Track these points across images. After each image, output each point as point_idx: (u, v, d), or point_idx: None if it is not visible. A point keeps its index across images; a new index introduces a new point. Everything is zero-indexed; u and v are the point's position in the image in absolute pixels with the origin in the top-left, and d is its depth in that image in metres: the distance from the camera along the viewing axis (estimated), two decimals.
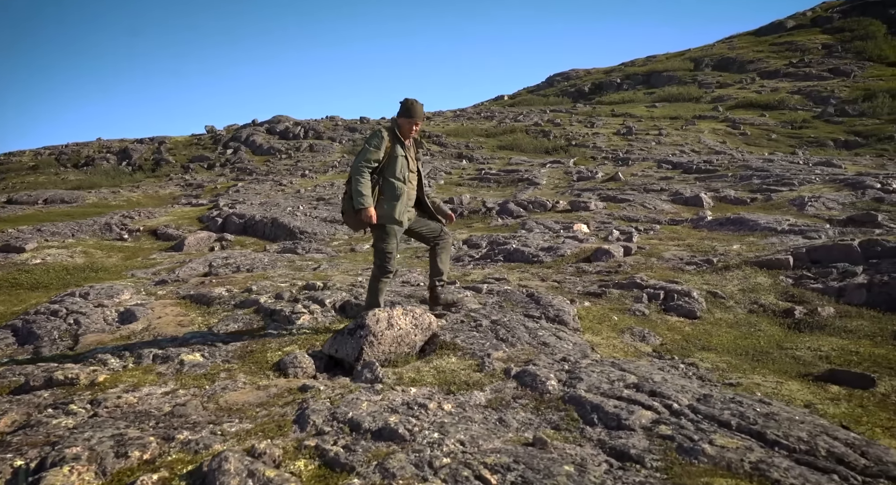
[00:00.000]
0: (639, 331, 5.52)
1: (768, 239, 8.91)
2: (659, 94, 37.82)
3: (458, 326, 5.13)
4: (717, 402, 3.64)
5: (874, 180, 12.20)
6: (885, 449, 3.12)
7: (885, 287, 6.16)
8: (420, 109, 4.94)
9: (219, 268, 8.30)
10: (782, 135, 29.02)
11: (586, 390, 3.80)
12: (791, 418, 3.43)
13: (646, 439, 3.22)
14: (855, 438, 3.24)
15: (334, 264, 8.62)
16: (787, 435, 3.20)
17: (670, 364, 4.84)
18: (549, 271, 7.87)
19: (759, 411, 3.52)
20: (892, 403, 4.24)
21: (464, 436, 3.17)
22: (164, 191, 25.29)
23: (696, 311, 6.18)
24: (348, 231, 12.54)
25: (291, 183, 23.30)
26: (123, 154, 33.69)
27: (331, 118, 38.21)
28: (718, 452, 3.03)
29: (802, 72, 35.56)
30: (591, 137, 29.38)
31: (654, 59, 45.79)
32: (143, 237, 12.23)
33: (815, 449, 3.07)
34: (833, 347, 5.27)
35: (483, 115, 38.53)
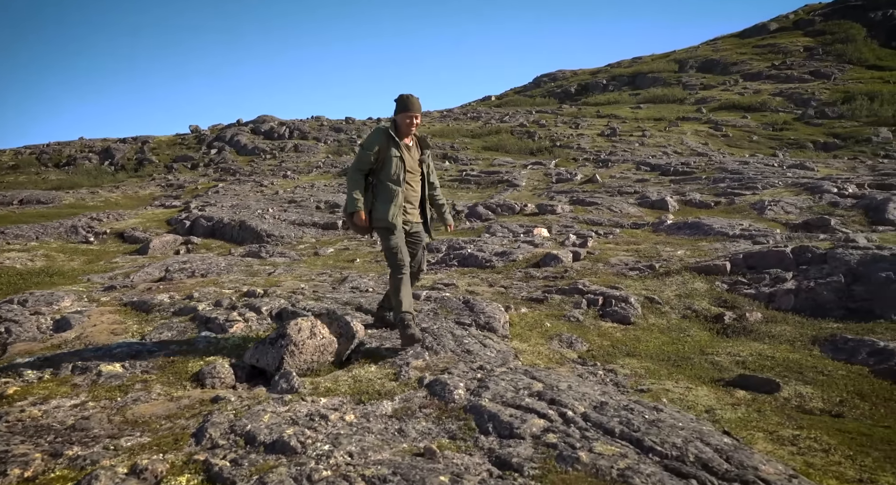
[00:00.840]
0: (567, 337, 5.63)
1: (715, 244, 9.06)
2: (644, 96, 37.99)
3: (387, 333, 5.21)
4: (609, 409, 3.75)
5: (831, 185, 12.36)
6: (750, 454, 3.25)
7: (810, 293, 6.31)
8: (416, 102, 4.77)
9: (174, 272, 8.35)
10: (763, 137, 29.24)
11: (490, 399, 3.90)
12: (675, 425, 3.54)
13: (532, 447, 3.33)
14: (728, 443, 3.36)
15: (291, 269, 8.69)
16: (664, 442, 3.32)
17: (590, 371, 4.95)
18: (498, 277, 7.97)
19: (647, 418, 3.63)
20: (791, 407, 4.38)
21: (355, 448, 3.25)
22: (145, 191, 25.23)
23: (631, 316, 6.30)
24: (315, 234, 12.59)
25: (272, 184, 23.30)
26: (106, 154, 33.57)
27: (316, 118, 38.19)
28: (593, 459, 3.14)
29: (784, 74, 35.81)
30: (576, 139, 29.49)
31: (639, 61, 45.98)
32: (109, 240, 12.25)
33: (684, 455, 3.19)
34: (752, 353, 5.40)
35: (469, 115, 38.59)
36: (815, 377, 4.90)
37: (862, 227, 10.12)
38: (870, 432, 3.92)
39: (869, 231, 9.78)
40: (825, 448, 3.62)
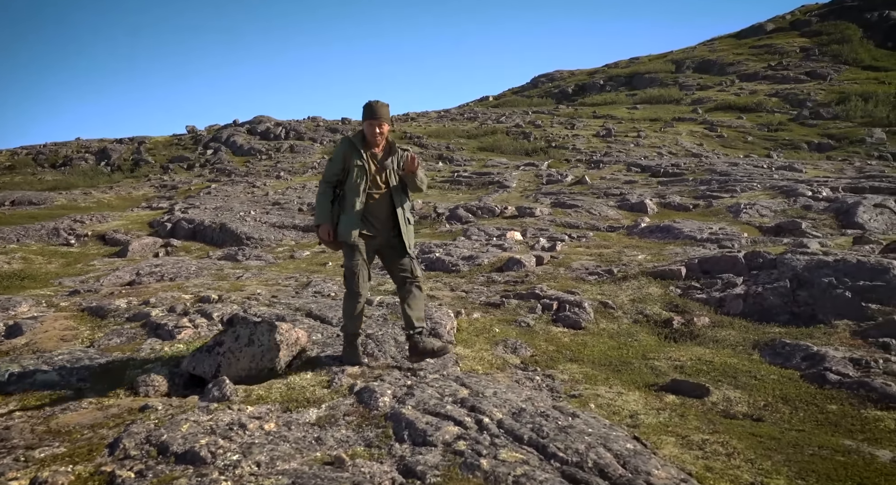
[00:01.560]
0: (513, 343, 5.70)
1: (677, 249, 9.14)
2: (640, 96, 38.01)
3: (331, 340, 5.30)
4: (526, 416, 3.83)
5: (806, 188, 12.41)
6: (648, 459, 3.36)
7: (758, 298, 6.39)
8: (381, 109, 4.53)
9: (144, 276, 8.44)
10: (758, 137, 29.29)
11: (413, 407, 3.98)
12: (584, 431, 3.63)
13: (441, 455, 3.41)
14: (630, 449, 3.46)
15: (261, 273, 8.78)
16: (567, 448, 3.41)
17: (528, 376, 5.02)
18: (461, 281, 8.05)
19: (560, 424, 3.71)
20: (715, 411, 4.47)
21: (265, 457, 3.33)
22: (138, 192, 25.32)
23: (582, 322, 6.38)
24: (296, 237, 12.68)
25: (265, 185, 23.39)
26: (102, 154, 33.69)
27: (313, 119, 38.28)
28: (493, 467, 3.22)
29: (780, 74, 35.79)
30: (571, 139, 29.55)
31: (637, 61, 45.97)
32: (90, 242, 12.36)
33: (583, 461, 3.28)
34: (692, 358, 5.48)
35: (466, 116, 38.64)
36: (748, 382, 4.98)
37: (832, 230, 10.17)
38: (781, 435, 4.00)
39: (838, 235, 9.84)
40: (729, 452, 3.70)
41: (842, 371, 4.91)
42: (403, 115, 39.92)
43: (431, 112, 42.70)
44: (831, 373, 4.89)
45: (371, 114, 4.52)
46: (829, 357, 5.12)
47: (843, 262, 6.35)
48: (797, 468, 3.55)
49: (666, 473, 3.26)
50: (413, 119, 39.35)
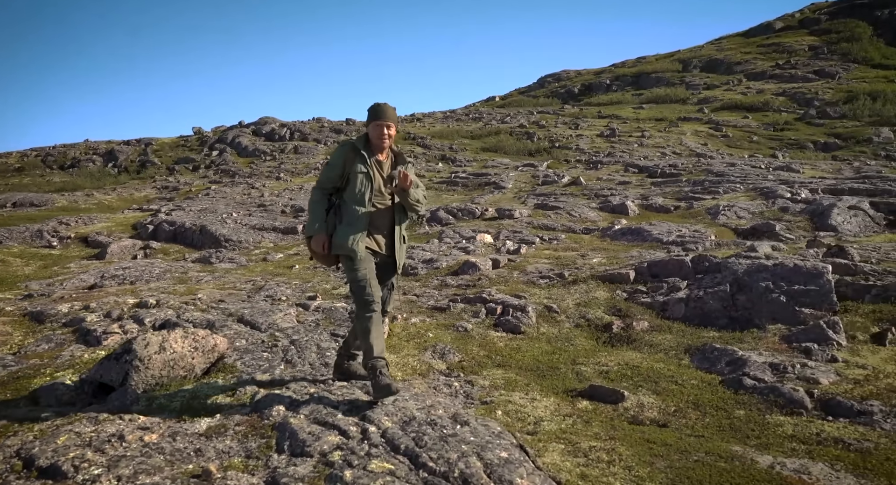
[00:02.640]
0: (442, 348, 5.69)
1: (639, 251, 9.08)
2: (647, 96, 37.78)
3: (254, 346, 5.31)
4: (415, 424, 3.83)
5: (786, 190, 12.26)
6: (516, 468, 3.34)
7: (699, 302, 6.35)
8: (389, 110, 4.14)
9: (106, 280, 8.53)
10: (764, 137, 29.01)
11: (306, 416, 3.97)
12: (465, 440, 3.63)
13: (312, 466, 3.41)
14: (504, 457, 3.45)
15: (223, 276, 8.84)
16: (440, 457, 3.40)
17: (447, 383, 5.01)
18: (416, 285, 8.04)
19: (445, 432, 3.72)
20: (624, 416, 4.49)
21: (129, 471, 3.32)
22: (140, 193, 25.58)
23: (522, 326, 6.36)
24: (274, 239, 12.74)
25: (264, 186, 23.54)
26: (109, 155, 34.10)
27: (317, 120, 38.47)
28: (356, 478, 3.23)
29: (788, 73, 35.38)
30: (575, 139, 29.44)
31: (643, 60, 45.66)
32: (73, 245, 12.52)
33: (451, 471, 3.29)
34: (620, 363, 5.47)
35: (471, 116, 38.61)
36: (667, 387, 4.95)
37: (805, 232, 10.05)
38: (675, 441, 3.99)
39: (811, 236, 9.71)
40: (612, 459, 3.70)
41: (758, 377, 4.88)
42: (409, 116, 40.00)
43: (437, 113, 42.74)
44: (748, 378, 4.87)
45: (378, 115, 4.12)
46: (751, 362, 5.09)
47: (781, 266, 6.27)
48: (673, 475, 3.54)
49: (530, 481, 3.25)
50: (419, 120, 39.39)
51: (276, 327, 5.66)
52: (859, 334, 5.57)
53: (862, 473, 3.61)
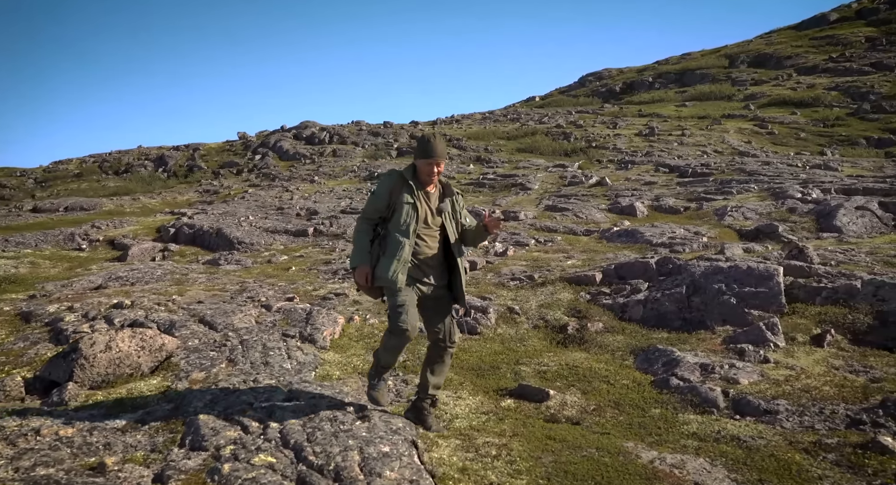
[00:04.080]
0: None
1: (608, 254, 9.02)
2: (690, 93, 36.94)
3: (205, 346, 5.58)
4: (316, 420, 4.03)
5: (798, 190, 11.87)
6: (391, 461, 3.55)
7: (656, 304, 6.34)
8: (439, 146, 3.97)
9: (111, 281, 9.01)
10: (812, 133, 28.10)
11: (219, 412, 4.20)
12: (357, 435, 3.86)
13: (202, 460, 3.65)
14: (385, 452, 3.66)
15: (217, 278, 9.20)
16: (323, 451, 3.64)
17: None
18: None
19: (343, 428, 3.96)
20: (543, 414, 4.62)
21: (29, 463, 3.56)
22: (183, 197, 26.53)
23: (480, 327, 6.50)
24: (285, 241, 13.12)
25: (298, 189, 24.14)
26: (160, 161, 35.50)
27: (356, 123, 39.10)
28: (232, 470, 3.45)
29: (842, 67, 34.00)
30: (612, 139, 29.14)
31: (688, 57, 44.60)
32: (100, 247, 13.19)
33: (328, 464, 3.50)
34: (562, 363, 5.63)
35: (509, 117, 38.56)
36: (598, 386, 5.09)
37: (809, 233, 9.79)
38: (575, 438, 4.11)
39: (815, 238, 9.48)
40: (499, 454, 3.82)
41: (685, 377, 4.94)
42: (448, 118, 40.19)
43: (476, 114, 42.79)
44: (676, 378, 4.93)
45: (428, 152, 3.93)
46: (683, 363, 5.13)
47: (736, 268, 6.22)
48: (552, 469, 3.67)
49: (399, 474, 3.43)
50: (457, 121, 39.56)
51: (231, 328, 5.93)
52: (799, 336, 5.56)
53: (737, 468, 3.70)
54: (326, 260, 10.64)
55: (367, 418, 4.09)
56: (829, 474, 3.60)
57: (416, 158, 4.01)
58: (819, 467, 3.70)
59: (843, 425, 4.15)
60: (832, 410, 4.34)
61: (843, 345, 5.39)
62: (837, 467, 3.68)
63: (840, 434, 4.04)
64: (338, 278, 8.91)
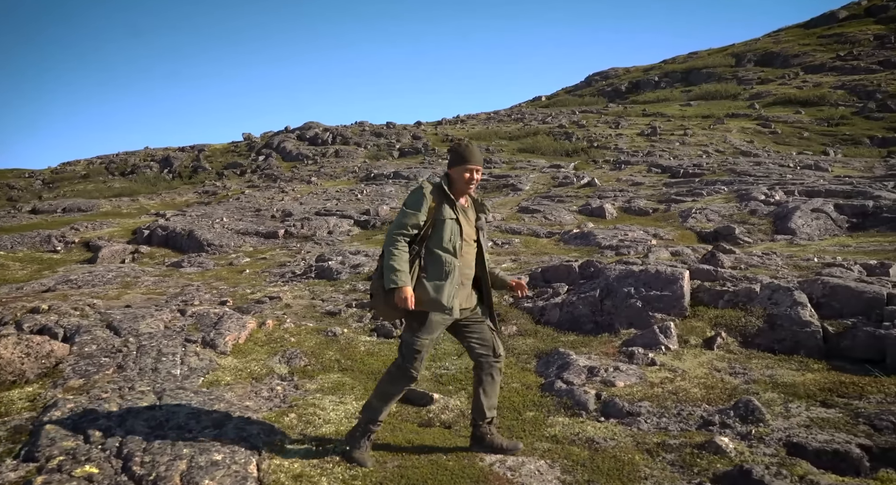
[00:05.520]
0: (293, 353, 5.83)
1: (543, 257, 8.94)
2: (696, 92, 36.60)
3: (100, 351, 5.56)
4: (164, 429, 4.04)
5: (762, 192, 11.68)
6: (213, 471, 3.52)
7: (571, 307, 6.31)
8: (478, 154, 3.74)
9: (62, 283, 9.12)
10: (815, 133, 27.76)
11: (69, 421, 4.15)
12: (195, 443, 3.83)
13: (25, 471, 3.61)
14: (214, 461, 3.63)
15: (165, 280, 9.29)
16: (153, 461, 3.60)
17: (273, 386, 5.15)
18: (330, 289, 8.23)
19: (186, 436, 3.92)
20: (416, 420, 4.58)
21: None
22: (181, 198, 26.77)
23: (394, 332, 6.48)
24: (255, 243, 13.20)
25: (294, 189, 24.27)
26: (165, 162, 35.89)
27: (359, 124, 39.23)
28: (45, 483, 3.41)
29: (850, 65, 33.47)
30: (614, 139, 28.99)
31: (695, 56, 44.17)
32: (75, 249, 13.37)
33: (149, 473, 3.48)
34: (462, 367, 5.60)
35: (513, 117, 38.47)
36: None
37: (765, 235, 9.67)
38: (434, 443, 4.10)
39: (769, 240, 9.36)
40: (343, 460, 3.80)
41: (570, 380, 4.92)
42: (453, 118, 40.18)
43: (481, 114, 42.74)
44: (561, 381, 4.91)
45: (467, 158, 3.67)
46: (574, 366, 5.10)
47: (645, 272, 6.16)
48: (391, 473, 3.66)
49: (218, 483, 3.44)
50: (462, 122, 39.53)
51: (135, 333, 5.94)
52: (692, 339, 5.55)
53: (573, 469, 3.71)
54: (284, 262, 10.69)
55: (221, 425, 4.09)
56: (657, 473, 3.60)
57: (452, 166, 3.72)
58: (651, 467, 3.68)
59: (694, 427, 4.15)
60: (690, 411, 4.34)
61: (733, 347, 5.38)
62: (671, 466, 3.68)
63: (687, 435, 4.03)
64: (283, 281, 8.95)
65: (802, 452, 3.61)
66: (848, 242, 8.56)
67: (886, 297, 5.18)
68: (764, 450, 3.74)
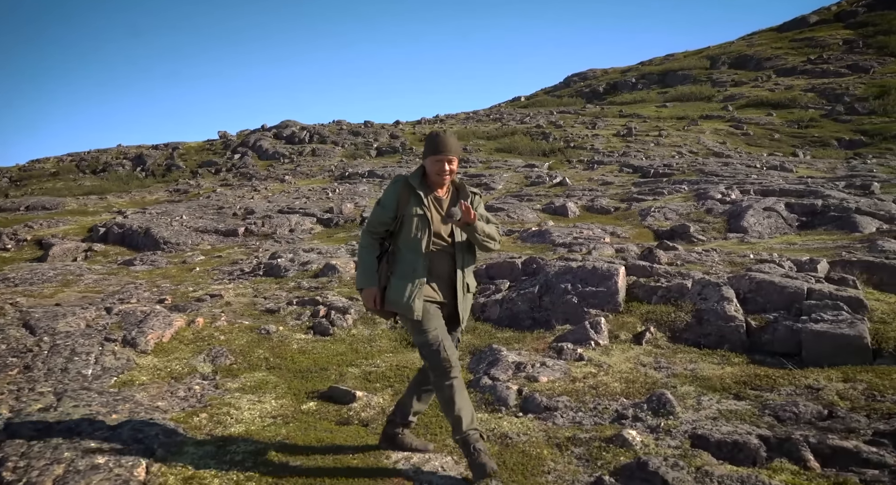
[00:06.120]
0: (219, 351, 5.71)
1: (502, 254, 8.89)
2: (671, 94, 36.80)
3: (7, 352, 5.30)
4: (53, 431, 3.88)
5: (719, 191, 11.73)
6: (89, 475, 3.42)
7: (510, 303, 6.28)
8: (451, 143, 3.43)
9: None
10: (786, 134, 28.01)
11: None
12: (82, 447, 3.70)
13: None
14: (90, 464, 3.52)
15: (105, 279, 9.11)
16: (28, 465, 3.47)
17: (192, 385, 5.05)
18: (274, 286, 8.12)
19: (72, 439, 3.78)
20: (342, 417, 4.48)
21: None
22: (152, 196, 26.37)
23: (332, 329, 6.44)
24: (213, 241, 13.02)
25: (266, 188, 24.02)
26: (138, 160, 35.37)
27: (337, 123, 39.00)
28: None
29: (820, 69, 33.83)
30: (590, 139, 29.03)
31: (671, 58, 44.43)
32: (27, 247, 13.09)
33: (20, 479, 3.35)
34: (395, 364, 5.50)
35: (492, 117, 38.43)
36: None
37: (718, 234, 9.71)
38: (346, 442, 3.99)
39: (722, 238, 9.40)
40: (241, 460, 3.72)
41: (496, 376, 4.88)
42: (432, 118, 40.06)
43: (461, 114, 42.66)
44: (487, 377, 4.90)
45: (438, 147, 3.40)
46: (502, 362, 5.07)
47: (583, 269, 6.13)
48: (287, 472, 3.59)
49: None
50: (441, 121, 39.41)
51: (51, 332, 5.75)
52: (623, 334, 5.54)
53: None
54: (238, 260, 10.53)
55: (117, 427, 3.95)
56: (560, 467, 3.55)
57: (426, 157, 3.47)
58: (556, 461, 3.62)
59: (608, 420, 4.12)
60: (606, 405, 4.31)
61: (661, 342, 5.36)
62: (577, 460, 3.64)
63: (599, 429, 3.99)
64: (230, 279, 8.82)
65: (705, 443, 3.60)
66: (795, 239, 8.60)
67: (806, 291, 5.20)
68: (669, 442, 3.71)
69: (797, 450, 3.38)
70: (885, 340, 4.70)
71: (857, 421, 3.68)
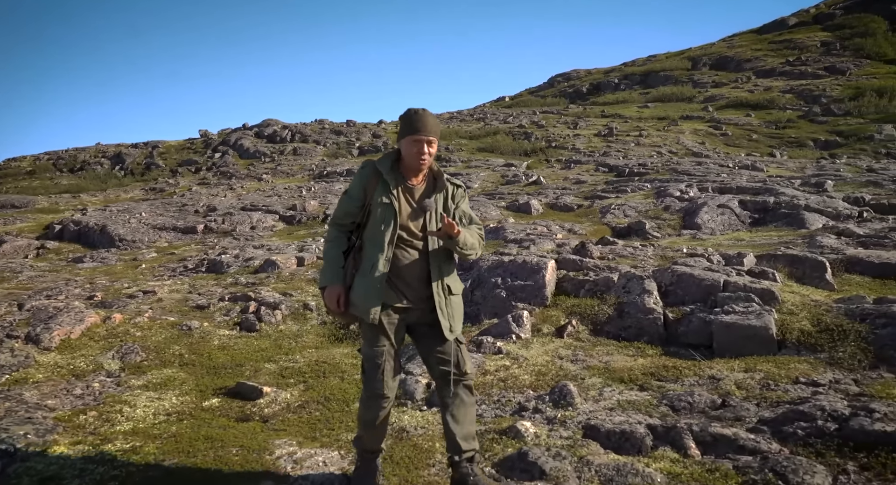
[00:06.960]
0: (130, 348, 5.52)
1: None
2: (653, 95, 36.85)
3: None
4: None
5: (677, 188, 11.66)
6: None
7: None
8: (430, 121, 2.99)
9: None
10: (763, 135, 28.09)
11: None
12: None
13: None
14: None
15: (40, 276, 8.92)
16: None
17: (88, 384, 4.88)
18: (212, 283, 7.96)
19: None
20: (243, 413, 4.36)
21: None
22: (127, 195, 26.07)
23: (259, 324, 6.31)
24: (171, 238, 12.81)
25: (242, 187, 23.80)
26: (117, 158, 35.00)
27: (319, 121, 38.76)
28: None
29: (798, 70, 33.98)
30: (572, 139, 28.99)
31: (654, 59, 44.50)
32: None
33: None
34: (315, 360, 5.38)
35: (476, 117, 38.33)
36: (326, 383, 4.87)
37: (673, 230, 9.63)
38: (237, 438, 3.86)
39: (676, 235, 9.29)
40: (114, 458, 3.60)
41: (410, 370, 4.77)
42: None
43: (444, 113, 42.54)
44: (402, 372, 4.64)
45: (416, 126, 2.96)
46: (416, 358, 4.87)
47: (513, 262, 6.03)
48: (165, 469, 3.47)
49: None
50: None
51: None
52: (545, 327, 5.45)
53: None
54: (188, 257, 10.33)
55: None
56: (446, 460, 3.40)
57: (401, 138, 3.03)
58: (445, 454, 3.45)
59: (509, 413, 4.04)
60: (510, 398, 4.22)
61: (583, 335, 5.26)
62: None
63: (497, 421, 3.91)
64: (171, 275, 8.63)
65: (596, 434, 3.52)
66: (744, 236, 8.51)
67: (722, 284, 5.10)
68: (562, 433, 3.62)
69: (680, 438, 3.32)
70: (790, 331, 4.65)
71: (747, 410, 3.62)
